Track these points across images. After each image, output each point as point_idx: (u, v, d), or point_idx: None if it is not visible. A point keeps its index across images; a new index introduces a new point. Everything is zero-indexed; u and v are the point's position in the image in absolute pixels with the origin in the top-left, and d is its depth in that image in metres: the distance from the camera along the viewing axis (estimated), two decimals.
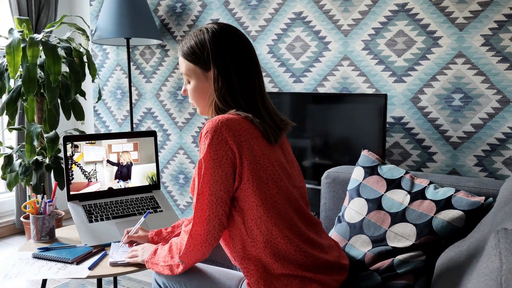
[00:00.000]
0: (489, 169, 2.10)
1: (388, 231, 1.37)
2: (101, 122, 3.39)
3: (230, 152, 1.12)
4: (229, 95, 1.19)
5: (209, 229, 1.15)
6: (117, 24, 2.66)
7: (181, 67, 1.26)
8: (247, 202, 1.14)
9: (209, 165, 1.12)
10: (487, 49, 2.05)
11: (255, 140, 1.15)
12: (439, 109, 2.18)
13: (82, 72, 2.50)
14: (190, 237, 1.16)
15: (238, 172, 1.13)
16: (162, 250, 1.28)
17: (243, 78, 1.20)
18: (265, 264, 1.15)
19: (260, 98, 1.22)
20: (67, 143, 1.70)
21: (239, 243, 1.17)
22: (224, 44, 1.20)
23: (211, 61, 1.19)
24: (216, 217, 1.14)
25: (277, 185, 1.16)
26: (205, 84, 1.23)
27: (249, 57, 1.22)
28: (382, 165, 1.55)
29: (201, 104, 1.26)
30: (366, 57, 2.33)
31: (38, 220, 1.59)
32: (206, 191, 1.13)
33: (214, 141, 1.12)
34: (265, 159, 1.15)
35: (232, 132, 1.12)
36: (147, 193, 1.84)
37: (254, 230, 1.14)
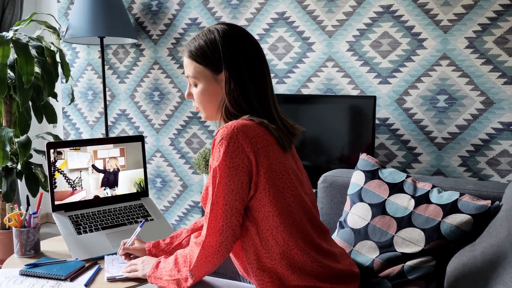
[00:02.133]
0: (473, 169, 2.14)
1: (395, 236, 1.35)
2: (71, 125, 3.23)
3: (247, 160, 1.06)
4: (243, 98, 1.13)
5: (222, 240, 1.09)
6: (91, 23, 2.53)
7: (188, 69, 1.19)
8: (262, 212, 1.09)
9: (225, 174, 1.06)
10: (471, 51, 2.09)
11: (270, 147, 1.10)
12: (424, 110, 2.20)
13: (55, 73, 2.36)
14: (202, 249, 1.09)
15: (254, 180, 1.08)
16: (165, 263, 1.21)
17: (257, 80, 1.15)
18: (281, 276, 1.11)
19: (272, 101, 1.18)
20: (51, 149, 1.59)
21: (253, 254, 1.12)
22: (236, 45, 1.14)
23: (222, 62, 1.13)
24: (230, 227, 1.09)
25: (293, 193, 1.12)
26: (215, 87, 1.16)
27: (261, 59, 1.17)
28: (382, 169, 1.54)
29: (209, 109, 1.20)
30: (351, 58, 2.33)
31: (22, 233, 1.47)
32: (220, 201, 1.07)
33: (230, 149, 1.06)
34: (281, 167, 1.11)
35: (248, 139, 1.07)
36: (135, 201, 1.76)
37: (269, 240, 1.10)
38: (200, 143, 2.77)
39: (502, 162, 2.08)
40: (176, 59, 2.79)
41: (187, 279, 1.14)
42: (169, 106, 2.85)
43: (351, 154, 2.12)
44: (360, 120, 2.08)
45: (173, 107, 2.83)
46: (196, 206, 2.84)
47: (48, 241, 1.64)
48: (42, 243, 1.60)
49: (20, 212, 1.49)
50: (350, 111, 2.10)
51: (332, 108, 2.13)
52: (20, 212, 1.49)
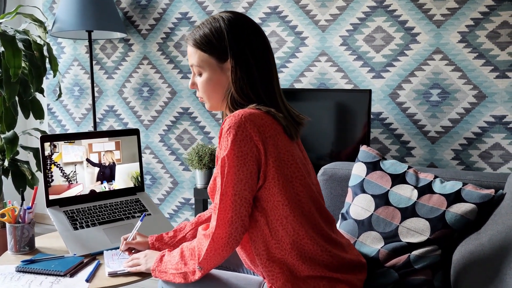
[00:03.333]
0: (466, 163, 2.16)
1: (400, 226, 1.35)
2: (57, 121, 3.16)
3: (255, 148, 1.04)
4: (249, 87, 1.11)
5: (231, 232, 1.07)
6: (79, 16, 2.47)
7: (192, 58, 1.16)
8: (272, 202, 1.07)
9: (233, 163, 1.04)
10: (464, 46, 2.11)
11: (278, 136, 1.08)
12: (417, 104, 2.22)
13: (43, 67, 2.30)
14: (212, 241, 1.07)
15: (263, 170, 1.06)
16: (170, 256, 1.18)
17: (263, 68, 1.13)
18: (291, 266, 1.09)
19: (278, 91, 1.16)
20: (45, 143, 1.54)
21: (262, 245, 1.10)
22: (242, 33, 1.12)
23: (228, 51, 1.11)
24: (239, 218, 1.06)
25: (301, 183, 1.10)
26: (220, 76, 1.14)
27: (267, 47, 1.15)
28: (383, 160, 1.54)
29: (214, 98, 1.18)
30: (344, 53, 2.33)
31: (16, 229, 1.42)
32: (229, 191, 1.05)
33: (238, 137, 1.04)
34: (289, 156, 1.09)
35: (256, 128, 1.05)
36: (131, 196, 1.72)
37: (279, 231, 1.08)
38: (191, 139, 2.74)
39: (494, 155, 2.11)
40: (166, 54, 2.75)
41: (195, 272, 1.11)
42: (159, 102, 2.80)
43: (346, 148, 2.11)
44: (355, 114, 2.08)
45: (163, 103, 2.79)
46: (187, 203, 2.80)
47: (43, 237, 1.59)
48: (36, 239, 1.55)
49: (14, 207, 1.44)
50: (345, 106, 2.10)
51: (326, 103, 2.13)
52: (14, 207, 1.44)
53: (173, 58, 2.73)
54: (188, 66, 2.69)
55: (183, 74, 2.71)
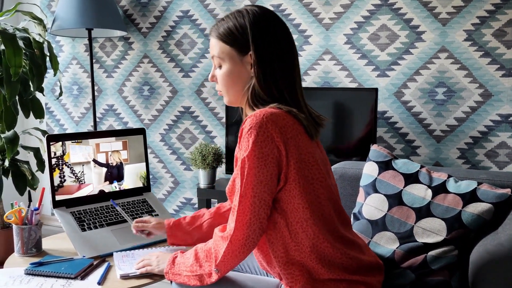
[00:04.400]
0: (471, 161, 2.15)
1: (415, 226, 1.33)
2: (55, 121, 3.11)
3: (276, 150, 1.02)
4: (271, 82, 1.09)
5: (249, 234, 1.04)
6: (80, 14, 2.44)
7: (214, 50, 1.14)
8: (292, 204, 1.05)
9: (253, 164, 1.02)
10: (470, 44, 2.10)
11: (300, 137, 1.06)
12: (423, 103, 2.21)
13: (44, 65, 2.26)
14: (230, 244, 1.04)
15: (284, 171, 1.04)
16: (183, 258, 1.16)
17: (285, 65, 1.10)
18: (310, 269, 1.07)
19: (300, 90, 1.14)
20: (51, 143, 1.51)
21: (281, 247, 1.08)
22: (266, 28, 1.10)
23: (250, 43, 1.09)
24: (258, 220, 1.04)
25: (322, 185, 1.08)
26: (241, 69, 1.12)
27: (291, 45, 1.13)
28: (395, 159, 1.52)
29: (233, 91, 1.15)
30: (349, 51, 2.31)
31: (23, 231, 1.39)
32: (249, 193, 1.03)
33: (259, 138, 1.01)
34: (310, 157, 1.07)
35: (278, 128, 1.03)
36: (138, 196, 1.69)
37: (299, 233, 1.06)
38: (193, 138, 2.71)
39: (500, 154, 2.10)
40: (167, 53, 2.71)
41: (211, 275, 1.09)
42: (160, 101, 2.77)
43: (352, 147, 2.10)
44: (361, 113, 2.06)
45: (164, 101, 2.76)
46: (188, 203, 2.77)
47: (49, 238, 1.56)
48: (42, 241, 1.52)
49: (20, 208, 1.41)
50: (350, 104, 2.08)
51: (331, 102, 2.11)
52: (21, 208, 1.41)
53: (174, 57, 2.70)
54: (189, 65, 2.66)
55: (184, 72, 2.68)
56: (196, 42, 2.62)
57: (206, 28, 2.59)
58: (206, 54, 2.61)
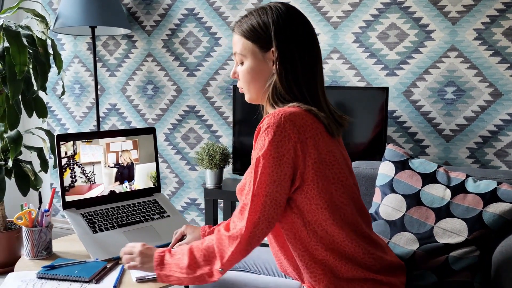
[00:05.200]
0: (481, 161, 2.14)
1: (435, 227, 1.31)
2: (56, 120, 3.07)
3: (293, 150, 1.00)
4: (292, 79, 1.07)
5: (256, 233, 1.02)
6: (83, 11, 2.40)
7: (236, 46, 1.13)
8: (309, 205, 1.03)
9: (268, 164, 1.00)
10: (480, 43, 2.09)
11: (320, 136, 1.04)
12: (432, 102, 2.19)
13: (48, 64, 2.22)
14: (239, 244, 1.01)
15: (300, 172, 1.01)
16: (174, 259, 1.10)
17: (306, 62, 1.08)
18: (333, 267, 1.05)
19: (321, 90, 1.11)
20: (61, 142, 1.48)
21: (301, 246, 1.05)
22: (288, 24, 1.08)
23: (272, 39, 1.07)
24: (266, 220, 1.01)
25: (343, 184, 1.06)
26: (262, 65, 1.10)
27: (314, 43, 1.10)
28: (411, 159, 1.50)
29: (254, 87, 1.13)
30: (357, 50, 2.29)
31: (34, 233, 1.35)
32: (261, 192, 1.00)
33: (276, 138, 0.99)
34: (331, 157, 1.05)
35: (296, 128, 1.00)
36: (148, 197, 1.66)
37: (318, 232, 1.04)
38: (198, 138, 2.68)
39: (510, 153, 2.09)
40: (172, 51, 2.68)
41: (212, 274, 1.06)
42: (164, 100, 2.74)
43: (362, 147, 2.08)
44: (370, 112, 2.04)
45: (168, 101, 2.73)
46: (193, 204, 2.74)
47: (58, 241, 1.52)
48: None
49: (30, 210, 1.37)
50: (360, 103, 2.06)
51: (339, 101, 2.09)
52: (31, 210, 1.37)
53: (179, 55, 2.66)
54: (194, 64, 2.63)
55: (189, 71, 2.65)
56: (202, 40, 2.59)
57: (212, 26, 2.56)
58: (212, 53, 2.58)
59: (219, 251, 1.05)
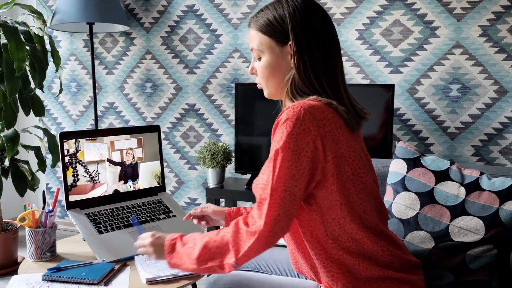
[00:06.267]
0: (486, 159, 2.13)
1: (450, 225, 1.29)
2: (52, 119, 3.01)
3: (312, 144, 0.97)
4: (312, 72, 1.04)
5: (276, 230, 0.98)
6: (81, 7, 2.34)
7: (253, 42, 1.10)
8: (329, 201, 1.00)
9: (287, 157, 0.96)
10: (485, 40, 2.07)
11: (339, 130, 1.01)
12: (437, 99, 2.17)
13: (46, 61, 2.17)
14: (257, 239, 0.98)
15: (321, 166, 0.98)
16: (186, 248, 1.07)
17: (325, 55, 1.05)
18: (350, 266, 1.02)
19: (342, 82, 1.08)
20: (65, 140, 1.43)
21: (318, 245, 1.02)
22: (305, 17, 1.04)
23: (289, 33, 1.04)
24: (286, 217, 0.98)
25: (362, 180, 1.03)
26: (280, 60, 1.07)
27: (333, 36, 1.07)
28: (423, 156, 1.48)
29: (272, 83, 1.10)
30: (360, 47, 2.27)
31: (37, 234, 1.31)
32: (280, 187, 0.97)
33: (295, 131, 0.96)
34: (350, 152, 1.02)
35: (316, 122, 0.97)
36: (153, 196, 1.62)
37: (336, 230, 1.01)
38: (198, 136, 2.64)
39: None
40: (171, 48, 2.64)
41: (224, 267, 1.02)
42: (163, 98, 2.69)
43: (367, 145, 2.05)
44: (375, 110, 2.01)
45: (167, 99, 2.68)
46: (193, 203, 2.70)
47: (62, 242, 1.47)
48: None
49: (34, 210, 1.32)
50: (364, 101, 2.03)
51: None
52: (35, 210, 1.32)
53: (178, 53, 2.62)
54: (194, 61, 2.59)
55: (189, 69, 2.61)
56: (202, 37, 2.55)
57: (212, 23, 2.52)
58: (212, 50, 2.54)
59: (234, 244, 1.01)
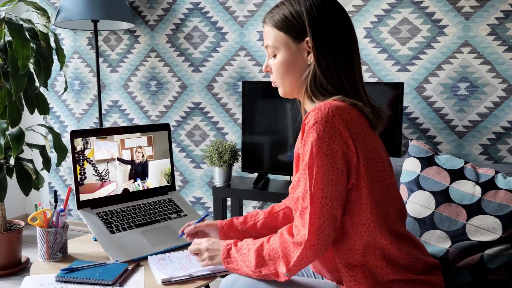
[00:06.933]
0: (494, 157, 2.12)
1: (467, 224, 1.28)
2: (55, 117, 2.98)
3: (345, 145, 0.95)
4: (332, 67, 1.02)
5: (323, 238, 0.97)
6: (86, 5, 2.32)
7: (267, 39, 1.08)
8: (359, 204, 0.98)
9: (321, 162, 0.95)
10: (493, 38, 2.06)
11: (365, 132, 1.00)
12: (445, 98, 2.16)
13: (51, 58, 2.15)
14: (304, 249, 0.96)
15: (355, 168, 0.96)
16: (241, 254, 1.07)
17: (344, 51, 1.03)
18: (374, 270, 1.01)
19: (360, 81, 1.07)
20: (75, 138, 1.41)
21: (346, 248, 1.01)
22: (323, 12, 1.03)
23: (307, 28, 1.02)
24: (331, 223, 0.97)
25: (387, 182, 1.02)
26: (297, 57, 1.05)
27: (351, 31, 1.06)
28: (437, 155, 1.47)
29: (289, 80, 1.08)
30: (368, 45, 2.25)
31: (49, 234, 1.29)
32: (318, 193, 0.95)
33: (326, 134, 0.94)
34: (376, 154, 1.01)
35: (345, 123, 0.95)
36: (163, 196, 1.60)
37: (364, 235, 0.99)
38: (203, 135, 2.62)
39: None
40: (176, 46, 2.62)
41: (278, 275, 1.02)
42: (168, 97, 2.67)
43: None
44: (385, 108, 2.00)
45: (172, 97, 2.66)
46: (198, 202, 2.68)
47: (72, 242, 1.45)
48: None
49: (45, 210, 1.30)
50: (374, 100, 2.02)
51: None
52: (46, 210, 1.31)
53: (183, 51, 2.60)
54: (199, 59, 2.57)
55: (194, 67, 2.59)
56: (207, 35, 2.53)
57: (218, 21, 2.50)
58: (218, 48, 2.52)
59: (284, 255, 1.00)
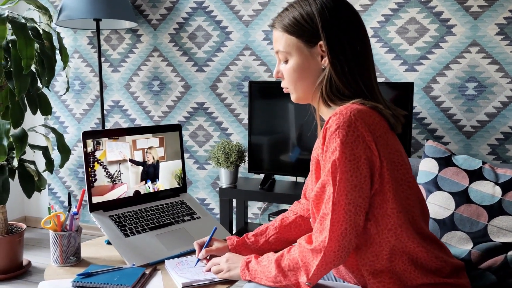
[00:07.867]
0: (502, 157, 2.12)
1: (488, 225, 1.26)
2: (54, 118, 2.93)
3: (368, 150, 0.93)
4: (348, 70, 0.99)
5: (345, 244, 0.94)
6: (88, 3, 2.28)
7: (278, 44, 1.05)
8: (384, 209, 0.96)
9: (345, 168, 0.92)
10: (502, 38, 2.06)
11: (387, 135, 0.98)
12: (453, 98, 2.15)
13: (54, 58, 2.10)
14: (324, 257, 0.94)
15: (378, 173, 0.94)
16: (260, 266, 1.05)
17: (359, 53, 1.01)
18: (401, 275, 0.99)
19: (375, 83, 1.05)
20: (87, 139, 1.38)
21: (371, 255, 0.99)
22: (335, 14, 1.00)
23: (320, 31, 0.99)
24: (354, 229, 0.94)
25: (409, 186, 1.00)
26: (309, 61, 1.02)
27: (364, 32, 1.03)
28: (454, 155, 1.45)
29: (302, 86, 1.05)
30: (376, 45, 2.24)
31: (63, 238, 1.25)
32: (342, 200, 0.93)
33: (349, 139, 0.92)
34: (399, 157, 0.99)
35: (367, 127, 0.93)
36: (175, 198, 1.57)
37: (391, 241, 0.97)
38: (207, 136, 2.59)
39: None
40: (179, 46, 2.58)
41: (299, 286, 0.99)
42: (171, 97, 2.64)
43: None
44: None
45: (175, 97, 2.63)
46: (202, 204, 2.65)
47: (84, 245, 1.42)
48: None
49: (59, 213, 1.27)
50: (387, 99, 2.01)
51: None
52: (59, 213, 1.27)
53: (187, 50, 2.57)
54: (203, 59, 2.54)
55: (198, 67, 2.56)
56: (211, 35, 2.50)
57: (222, 20, 2.47)
58: (222, 48, 2.49)
59: (303, 264, 0.98)
